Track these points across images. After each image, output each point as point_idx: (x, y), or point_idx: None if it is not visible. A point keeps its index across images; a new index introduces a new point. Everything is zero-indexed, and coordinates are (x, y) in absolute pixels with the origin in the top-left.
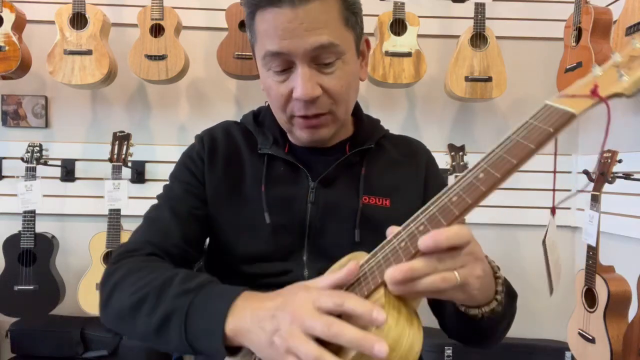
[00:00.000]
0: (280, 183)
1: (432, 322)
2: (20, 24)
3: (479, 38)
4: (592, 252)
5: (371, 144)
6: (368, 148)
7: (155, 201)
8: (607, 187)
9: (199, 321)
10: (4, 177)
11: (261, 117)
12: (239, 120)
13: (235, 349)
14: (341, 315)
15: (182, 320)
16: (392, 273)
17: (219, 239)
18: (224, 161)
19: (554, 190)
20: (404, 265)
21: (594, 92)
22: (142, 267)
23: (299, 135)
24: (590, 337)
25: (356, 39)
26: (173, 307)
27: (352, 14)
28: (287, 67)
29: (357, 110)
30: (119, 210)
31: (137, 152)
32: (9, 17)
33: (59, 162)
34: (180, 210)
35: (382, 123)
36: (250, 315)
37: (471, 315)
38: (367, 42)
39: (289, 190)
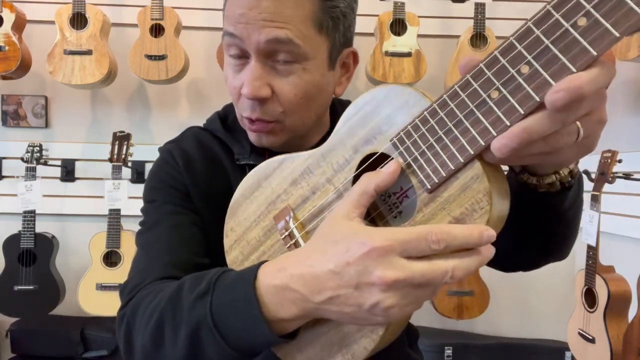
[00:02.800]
0: None
1: (432, 322)
2: (20, 24)
3: (479, 38)
4: (592, 252)
5: None
6: None
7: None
8: (607, 187)
9: (232, 320)
10: (4, 177)
11: (230, 121)
12: (202, 126)
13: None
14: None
15: (212, 330)
16: (502, 143)
17: (211, 263)
18: (205, 177)
19: None
20: (517, 127)
21: None
22: (147, 294)
23: (250, 136)
24: (590, 337)
25: (331, 49)
26: (195, 320)
27: (329, 19)
28: (242, 55)
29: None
30: (119, 210)
31: (137, 152)
32: (9, 17)
33: (59, 162)
34: (180, 221)
35: None
36: (303, 289)
37: (546, 186)
38: (355, 56)
39: None
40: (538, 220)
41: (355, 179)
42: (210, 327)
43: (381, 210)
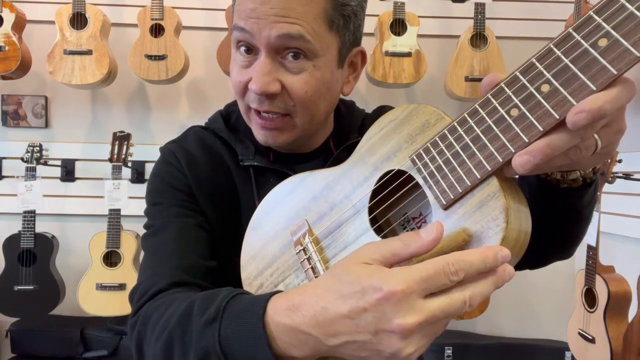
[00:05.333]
0: None
1: None
2: (20, 24)
3: (479, 38)
4: (592, 252)
5: (356, 135)
6: (354, 141)
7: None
8: (607, 187)
9: (240, 353)
10: (4, 177)
11: (233, 121)
12: (204, 125)
13: None
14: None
15: (221, 359)
16: (525, 159)
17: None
18: (210, 178)
19: None
20: (539, 143)
21: None
22: (157, 306)
23: (255, 134)
24: (590, 337)
25: (340, 47)
26: (204, 346)
27: (340, 17)
28: (251, 51)
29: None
30: (119, 210)
31: (137, 152)
32: (9, 17)
33: (59, 162)
34: (186, 224)
35: None
36: (315, 332)
37: (569, 181)
38: (363, 55)
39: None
40: (556, 217)
41: (373, 194)
42: (219, 355)
43: (394, 227)
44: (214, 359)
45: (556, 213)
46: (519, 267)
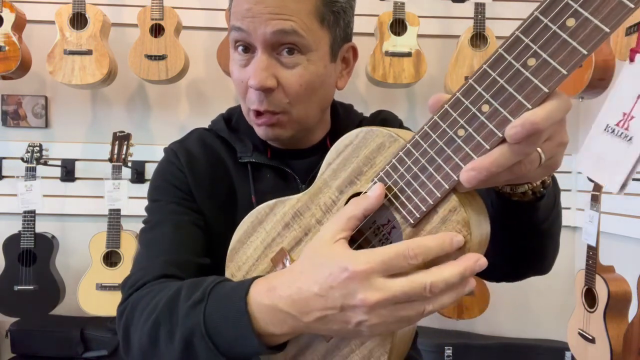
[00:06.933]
0: (269, 191)
1: (432, 322)
2: (20, 24)
3: (479, 38)
4: (592, 252)
5: None
6: None
7: (143, 226)
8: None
9: (224, 331)
10: (4, 177)
11: (234, 122)
12: (207, 127)
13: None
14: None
15: (205, 337)
16: (471, 175)
17: (211, 259)
18: (208, 176)
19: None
20: (484, 161)
21: None
22: (146, 293)
23: (257, 131)
24: (590, 337)
25: (332, 42)
26: (189, 326)
27: (330, 13)
28: (248, 49)
29: (332, 104)
30: (119, 210)
31: (137, 152)
32: (9, 17)
33: (59, 162)
34: (182, 221)
35: None
36: (292, 310)
37: (519, 194)
38: (354, 51)
39: (280, 197)
40: (513, 231)
41: None
42: (203, 334)
43: (367, 236)
44: (198, 338)
45: (514, 226)
46: (499, 279)
